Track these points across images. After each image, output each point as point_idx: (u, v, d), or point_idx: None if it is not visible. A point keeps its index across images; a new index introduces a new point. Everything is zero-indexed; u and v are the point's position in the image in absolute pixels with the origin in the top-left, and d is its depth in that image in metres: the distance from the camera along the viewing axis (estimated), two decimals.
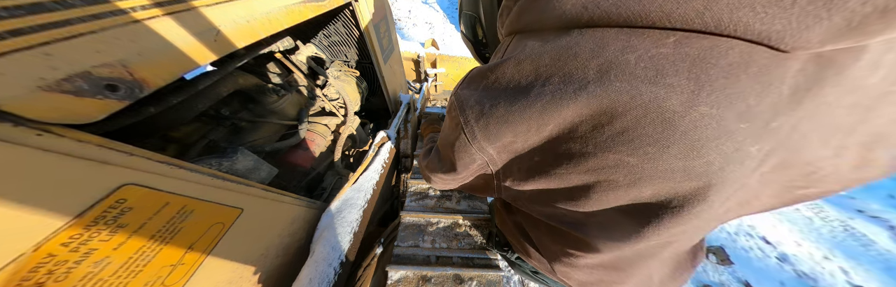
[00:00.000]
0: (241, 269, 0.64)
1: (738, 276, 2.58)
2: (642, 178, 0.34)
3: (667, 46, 0.29)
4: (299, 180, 1.24)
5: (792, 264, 2.72)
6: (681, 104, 0.29)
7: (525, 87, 0.36)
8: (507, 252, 0.86)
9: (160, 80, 0.49)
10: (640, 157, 0.33)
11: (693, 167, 0.32)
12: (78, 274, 0.38)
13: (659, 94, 0.29)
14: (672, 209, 0.36)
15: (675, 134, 0.30)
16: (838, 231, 3.06)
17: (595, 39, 0.32)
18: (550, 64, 0.34)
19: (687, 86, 0.29)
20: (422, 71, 2.97)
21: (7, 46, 0.33)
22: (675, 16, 0.28)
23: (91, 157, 0.39)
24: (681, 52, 0.29)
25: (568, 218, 0.48)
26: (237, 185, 0.62)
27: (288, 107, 1.21)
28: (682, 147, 0.31)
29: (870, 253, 2.84)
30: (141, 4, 0.46)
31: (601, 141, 0.34)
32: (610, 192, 0.37)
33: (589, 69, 0.32)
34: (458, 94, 0.44)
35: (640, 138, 0.32)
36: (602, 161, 0.35)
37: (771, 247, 2.87)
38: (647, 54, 0.30)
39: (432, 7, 7.46)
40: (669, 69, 0.29)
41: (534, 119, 0.36)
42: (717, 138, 0.30)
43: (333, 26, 1.29)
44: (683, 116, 0.30)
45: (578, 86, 0.32)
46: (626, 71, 0.30)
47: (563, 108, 0.34)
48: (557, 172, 0.40)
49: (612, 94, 0.31)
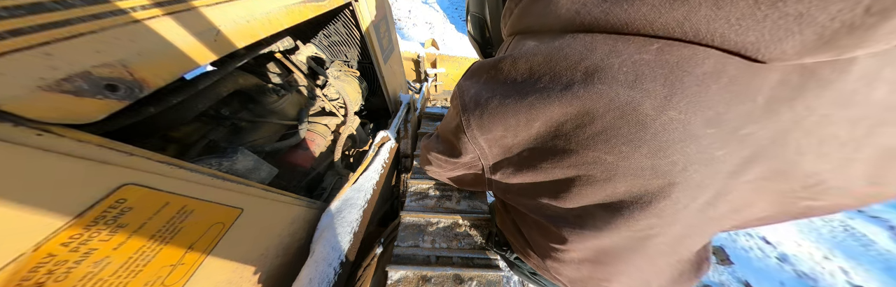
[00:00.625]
0: (241, 269, 0.64)
1: (738, 276, 2.58)
2: (617, 174, 0.37)
3: (649, 53, 0.31)
4: (299, 180, 1.24)
5: (792, 264, 2.72)
6: (653, 108, 0.32)
7: (519, 83, 0.39)
8: (506, 252, 0.86)
9: (160, 80, 0.49)
10: (616, 155, 0.36)
11: (659, 166, 0.35)
12: (78, 274, 0.38)
13: (635, 98, 0.32)
14: (640, 204, 0.39)
15: (646, 135, 0.33)
16: (838, 231, 3.06)
17: (585, 43, 0.34)
18: (543, 63, 0.37)
19: (661, 91, 0.31)
20: (422, 71, 2.97)
21: (7, 46, 0.33)
22: (657, 24, 0.30)
23: (91, 157, 0.39)
24: (661, 59, 0.31)
25: (550, 211, 0.51)
26: (237, 185, 0.62)
27: (288, 107, 1.21)
28: (652, 147, 0.34)
29: (870, 253, 2.84)
30: (141, 4, 0.46)
31: (582, 139, 0.37)
32: (588, 186, 0.40)
33: (577, 71, 0.34)
34: (461, 85, 0.48)
35: (616, 138, 0.34)
36: (582, 157, 0.38)
37: (771, 247, 2.87)
38: (629, 59, 0.32)
39: (432, 7, 7.46)
40: (648, 75, 0.31)
41: (523, 114, 0.39)
42: (682, 141, 0.33)
43: (333, 26, 1.29)
44: (654, 119, 0.32)
45: (565, 86, 0.35)
46: (609, 74, 0.32)
47: (550, 106, 0.36)
48: (543, 167, 0.43)
49: (593, 95, 0.33)
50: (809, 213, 0.44)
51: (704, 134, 0.32)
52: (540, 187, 0.48)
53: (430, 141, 0.69)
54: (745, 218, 0.46)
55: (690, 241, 0.49)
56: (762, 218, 0.47)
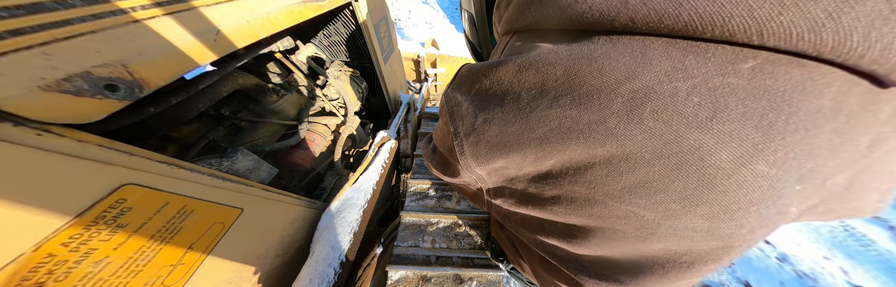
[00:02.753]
0: (241, 269, 0.64)
1: (738, 276, 2.58)
2: (656, 234, 0.29)
3: (740, 75, 0.21)
4: (299, 180, 1.24)
5: (792, 264, 2.72)
6: (732, 160, 0.22)
7: (526, 103, 0.29)
8: (502, 262, 0.82)
9: (160, 80, 0.49)
10: (661, 213, 0.27)
11: (719, 229, 0.26)
12: (78, 274, 0.38)
13: (706, 144, 0.22)
14: (681, 264, 0.31)
15: (710, 193, 0.24)
16: (838, 231, 3.06)
17: (633, 53, 0.23)
18: (563, 78, 0.26)
19: (750, 136, 0.22)
20: (422, 71, 2.97)
21: (7, 46, 0.33)
22: (771, 26, 0.19)
23: (91, 157, 0.39)
24: (759, 86, 0.21)
25: (559, 251, 0.42)
26: (237, 185, 0.62)
27: (288, 107, 1.21)
28: (715, 208, 0.25)
29: (870, 253, 2.84)
30: (141, 4, 0.46)
31: (614, 190, 0.27)
32: (612, 240, 0.32)
33: (617, 95, 0.24)
34: (449, 97, 0.37)
35: (664, 193, 0.25)
36: (611, 210, 0.29)
37: (771, 247, 2.87)
38: (706, 85, 0.22)
39: (432, 7, 7.46)
40: (734, 110, 0.21)
41: (530, 149, 0.29)
42: (761, 202, 0.24)
43: (333, 26, 1.29)
44: (730, 175, 0.23)
45: (597, 118, 0.25)
46: (669, 107, 0.22)
47: (570, 144, 0.27)
48: (555, 210, 0.34)
49: (639, 136, 0.24)
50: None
51: (792, 192, 0.24)
52: (548, 226, 0.38)
53: (427, 149, 0.58)
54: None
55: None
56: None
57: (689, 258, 0.30)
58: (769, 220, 0.26)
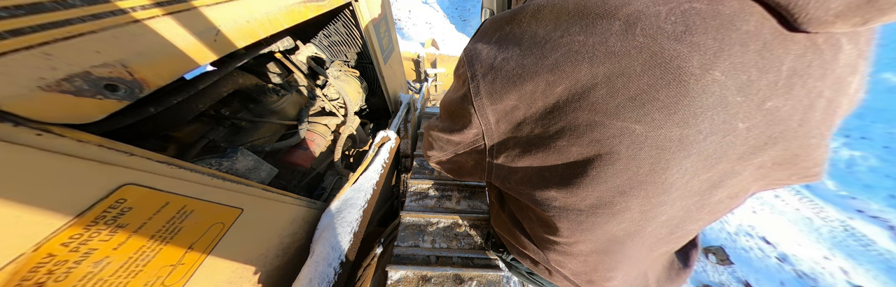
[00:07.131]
0: (241, 269, 0.64)
1: (738, 276, 2.58)
2: (644, 148, 0.33)
3: (701, 2, 0.28)
4: (299, 180, 1.24)
5: (792, 264, 2.72)
6: (700, 66, 0.28)
7: (542, 38, 0.34)
8: (502, 253, 0.85)
9: (160, 80, 0.49)
10: (647, 125, 0.31)
11: (686, 136, 0.31)
12: (78, 274, 0.38)
13: (681, 53, 0.28)
14: (658, 180, 0.35)
15: (684, 99, 0.29)
16: (838, 231, 3.06)
17: None
18: (574, 11, 0.32)
19: (711, 46, 0.28)
20: (422, 71, 2.97)
21: (7, 46, 0.33)
22: None
23: (91, 157, 0.39)
24: (715, 10, 0.28)
25: (558, 202, 0.46)
26: (237, 185, 0.62)
27: (288, 107, 1.21)
28: (686, 114, 0.30)
29: (870, 253, 2.84)
30: (141, 4, 0.46)
31: (612, 107, 0.32)
32: (610, 166, 0.35)
33: (616, 19, 0.30)
34: (469, 49, 0.41)
35: (651, 103, 0.30)
36: (608, 130, 0.33)
37: (771, 247, 2.87)
38: (679, 8, 0.28)
39: (432, 7, 7.46)
40: (699, 26, 0.28)
41: (543, 76, 0.33)
42: (714, 107, 0.30)
43: (333, 26, 1.29)
44: (698, 80, 0.28)
45: (600, 39, 0.30)
46: (654, 24, 0.28)
47: (577, 65, 0.31)
48: (557, 145, 0.38)
49: (633, 50, 0.29)
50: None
51: (734, 102, 0.29)
52: (548, 173, 0.42)
53: (431, 120, 0.63)
54: (731, 206, 0.44)
55: (686, 228, 0.47)
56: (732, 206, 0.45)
57: (661, 168, 0.34)
58: (719, 129, 0.31)
